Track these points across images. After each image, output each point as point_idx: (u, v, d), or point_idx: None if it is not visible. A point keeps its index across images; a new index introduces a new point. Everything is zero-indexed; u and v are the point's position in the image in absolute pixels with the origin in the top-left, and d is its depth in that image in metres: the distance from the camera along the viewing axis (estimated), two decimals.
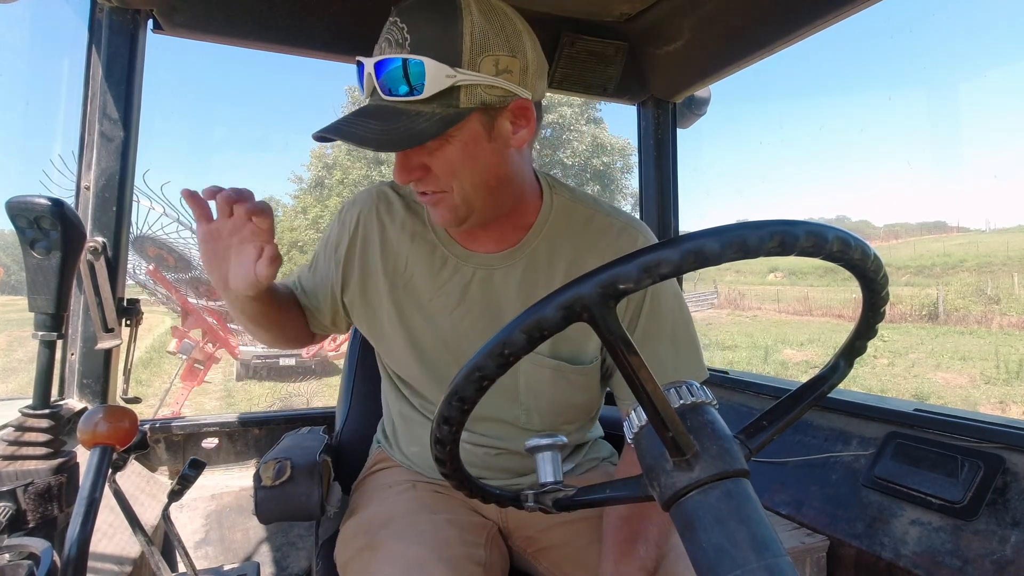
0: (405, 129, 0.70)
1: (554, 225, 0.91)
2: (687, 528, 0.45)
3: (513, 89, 0.74)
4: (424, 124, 0.71)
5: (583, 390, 0.94)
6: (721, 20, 1.44)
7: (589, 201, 0.95)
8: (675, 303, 0.93)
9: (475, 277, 0.91)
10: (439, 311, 0.92)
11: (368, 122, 0.72)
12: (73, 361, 1.31)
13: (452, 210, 0.81)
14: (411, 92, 0.70)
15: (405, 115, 0.71)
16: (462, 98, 0.72)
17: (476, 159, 0.77)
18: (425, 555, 0.79)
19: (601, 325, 0.42)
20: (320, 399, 7.61)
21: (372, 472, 1.04)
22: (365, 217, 0.95)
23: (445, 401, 0.51)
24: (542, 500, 0.62)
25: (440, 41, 0.70)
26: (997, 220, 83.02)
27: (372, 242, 0.95)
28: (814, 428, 1.40)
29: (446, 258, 0.92)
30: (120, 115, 1.28)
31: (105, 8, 1.27)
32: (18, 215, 0.81)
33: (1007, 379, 12.48)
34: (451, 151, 0.75)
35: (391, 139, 0.70)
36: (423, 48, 0.70)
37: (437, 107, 0.71)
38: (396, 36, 0.71)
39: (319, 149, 26.26)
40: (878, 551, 1.13)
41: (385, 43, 0.73)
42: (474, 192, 0.79)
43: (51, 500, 0.84)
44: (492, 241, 0.91)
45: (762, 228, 0.41)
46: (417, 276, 0.92)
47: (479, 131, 0.76)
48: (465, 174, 0.77)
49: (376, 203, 0.96)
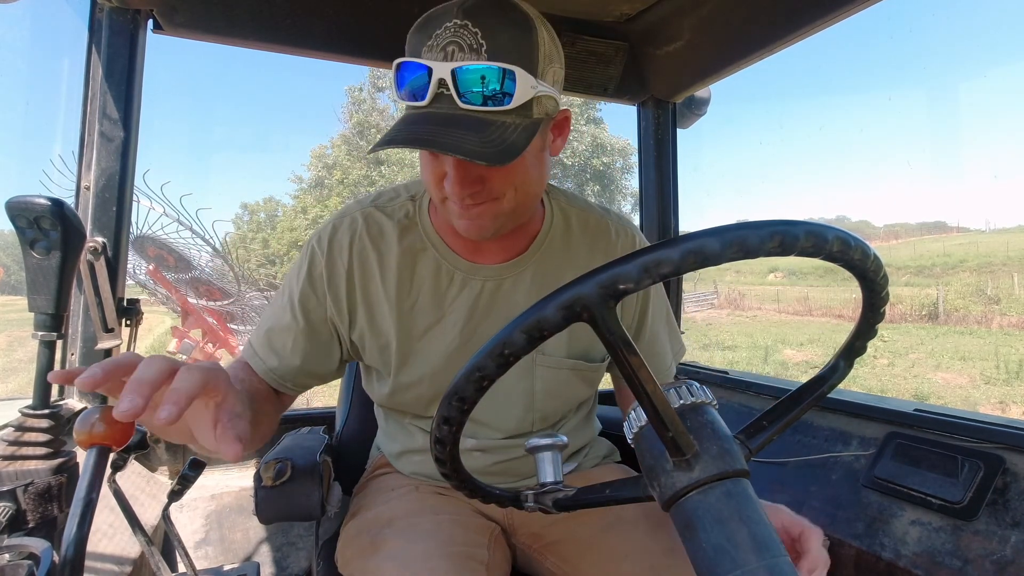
0: (500, 141, 0.67)
1: (556, 230, 0.92)
2: (687, 528, 0.45)
3: (559, 99, 0.75)
4: (513, 136, 0.68)
5: (590, 385, 0.97)
6: (721, 20, 1.44)
7: (581, 203, 0.97)
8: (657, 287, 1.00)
9: (484, 289, 0.89)
10: (450, 328, 0.89)
11: (456, 132, 0.66)
12: (73, 361, 1.31)
13: (495, 219, 0.77)
14: (497, 102, 0.67)
15: (492, 125, 0.67)
16: (535, 109, 0.70)
17: (532, 168, 0.76)
18: (429, 551, 0.79)
19: (601, 325, 0.42)
20: (319, 399, 7.62)
21: (374, 476, 1.04)
22: (358, 245, 0.88)
23: (445, 401, 0.51)
24: (542, 500, 0.62)
25: (520, 49, 0.68)
26: (997, 220, 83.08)
27: (370, 270, 0.88)
28: (814, 428, 1.40)
29: (452, 274, 0.88)
30: (120, 115, 1.28)
31: (105, 8, 1.26)
32: (18, 215, 0.82)
33: (1007, 379, 12.48)
34: (515, 164, 0.72)
35: (494, 152, 0.65)
36: (504, 56, 0.66)
37: (517, 117, 0.69)
38: (469, 41, 0.66)
39: (319, 149, 26.28)
40: (878, 551, 1.13)
41: (453, 47, 0.66)
42: (526, 199, 0.78)
43: (51, 500, 0.84)
44: (500, 251, 0.89)
45: (762, 228, 0.41)
46: (424, 296, 0.89)
47: (539, 142, 0.75)
48: (521, 184, 0.76)
49: (365, 228, 0.89)
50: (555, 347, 0.91)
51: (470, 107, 0.67)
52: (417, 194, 0.92)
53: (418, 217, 0.90)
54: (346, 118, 26.38)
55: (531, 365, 0.91)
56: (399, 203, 0.91)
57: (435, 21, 0.69)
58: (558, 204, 0.94)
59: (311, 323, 0.88)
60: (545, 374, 0.91)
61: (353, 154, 24.76)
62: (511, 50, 0.67)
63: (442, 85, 0.67)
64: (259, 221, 28.55)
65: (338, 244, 0.88)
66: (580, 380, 0.94)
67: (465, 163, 0.71)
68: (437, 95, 0.68)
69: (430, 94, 0.68)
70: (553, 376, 0.92)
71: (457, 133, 0.66)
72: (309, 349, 0.88)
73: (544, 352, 0.91)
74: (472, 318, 0.89)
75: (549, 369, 0.91)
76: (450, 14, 0.68)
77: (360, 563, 0.83)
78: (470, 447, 0.93)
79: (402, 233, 0.89)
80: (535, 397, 0.92)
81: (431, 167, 0.75)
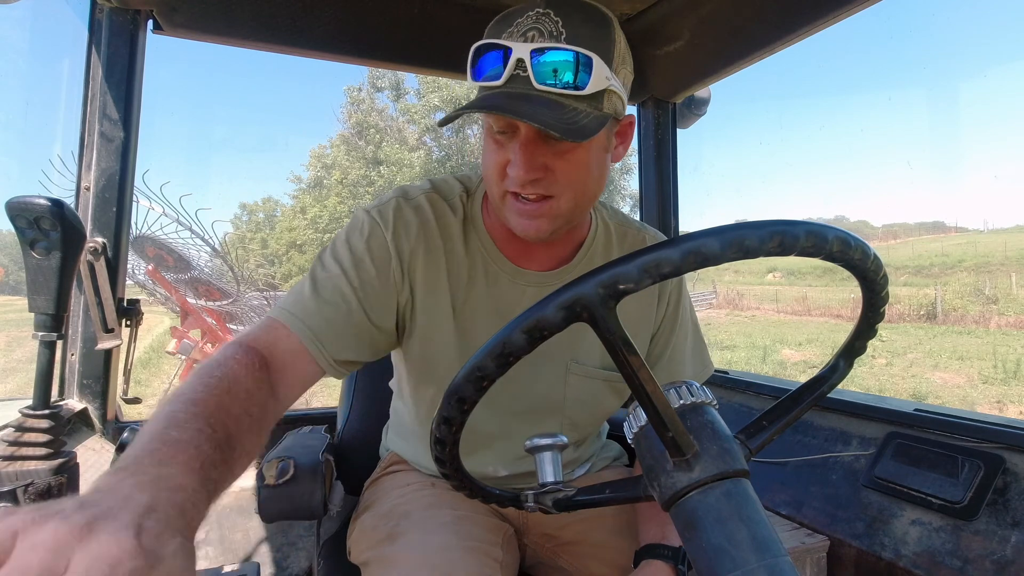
0: (573, 121, 0.67)
1: (599, 241, 0.92)
2: (687, 528, 0.45)
3: (626, 102, 0.75)
4: (585, 120, 0.68)
5: (620, 396, 0.96)
6: (721, 20, 1.44)
7: (621, 216, 0.98)
8: (690, 300, 0.99)
9: (526, 295, 0.87)
10: (494, 330, 0.87)
11: (531, 106, 0.66)
12: (73, 361, 1.31)
13: (552, 220, 0.76)
14: (573, 86, 0.67)
15: (564, 108, 0.67)
16: (605, 103, 0.71)
17: (594, 168, 0.76)
18: (448, 543, 0.79)
19: (601, 325, 0.42)
20: (318, 400, 7.62)
21: (388, 472, 1.04)
22: (426, 230, 0.84)
23: (445, 401, 0.51)
24: (542, 500, 0.62)
25: (598, 41, 0.68)
26: (995, 220, 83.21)
27: (436, 259, 0.84)
28: (814, 428, 1.40)
29: (498, 275, 0.87)
30: (120, 115, 1.28)
31: (105, 8, 1.26)
32: (18, 215, 0.82)
33: (1005, 379, 12.49)
34: (580, 155, 0.72)
35: (568, 127, 0.66)
36: (583, 44, 0.67)
37: (589, 106, 0.69)
38: (549, 27, 0.67)
39: (318, 149, 26.29)
40: (878, 551, 1.13)
41: (534, 32, 0.68)
42: (583, 201, 0.77)
43: (51, 500, 0.84)
44: (547, 258, 0.88)
45: (762, 228, 0.41)
46: (476, 292, 0.87)
47: (603, 140, 0.75)
48: (581, 181, 0.75)
49: (434, 215, 0.85)
50: (588, 356, 0.90)
51: (545, 88, 0.67)
52: (471, 189, 0.90)
53: (472, 212, 0.88)
54: (345, 118, 26.40)
55: (564, 373, 0.90)
56: (456, 195, 0.89)
57: (518, 12, 0.70)
58: (601, 216, 0.94)
59: (365, 292, 0.79)
60: (577, 382, 0.90)
61: (352, 154, 24.75)
62: (590, 40, 0.68)
63: (519, 66, 0.67)
64: (258, 221, 28.58)
65: (404, 222, 0.83)
66: (611, 391, 0.93)
67: (532, 148, 0.71)
68: (513, 76, 0.68)
69: (506, 74, 0.68)
70: (584, 385, 0.91)
71: (532, 108, 0.66)
72: (358, 318, 0.78)
73: (578, 361, 0.90)
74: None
75: (580, 378, 0.90)
76: (533, 4, 0.69)
77: (375, 552, 0.83)
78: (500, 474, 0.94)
79: (464, 225, 0.87)
80: (564, 405, 0.91)
81: (495, 155, 0.74)
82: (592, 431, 1.01)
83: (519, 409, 0.89)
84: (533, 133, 0.70)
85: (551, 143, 0.70)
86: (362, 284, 0.79)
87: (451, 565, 0.75)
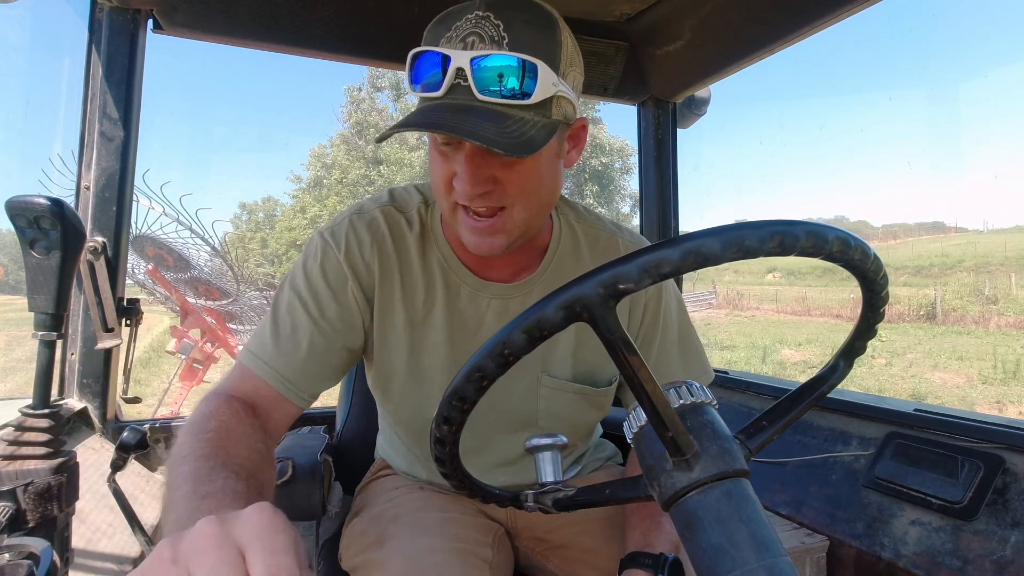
0: (519, 134, 0.63)
1: (565, 248, 0.88)
2: (687, 528, 0.45)
3: (576, 106, 0.73)
4: (533, 131, 0.65)
5: (599, 409, 0.94)
6: (721, 20, 1.44)
7: (591, 219, 0.93)
8: (678, 307, 0.94)
9: (490, 308, 0.85)
10: (455, 344, 0.85)
11: (472, 120, 0.63)
12: (73, 361, 1.31)
13: (507, 234, 0.73)
14: (517, 95, 0.64)
15: (510, 119, 0.64)
16: (554, 109, 0.67)
17: (546, 176, 0.72)
18: (435, 545, 0.79)
19: (601, 325, 0.42)
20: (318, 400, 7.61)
21: (378, 477, 1.04)
22: (380, 246, 0.82)
23: (445, 401, 0.51)
24: (542, 500, 0.62)
25: (542, 44, 0.65)
26: (995, 220, 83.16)
27: (391, 275, 0.83)
28: (814, 428, 1.40)
29: (459, 287, 0.84)
30: (120, 115, 1.28)
31: (105, 8, 1.26)
32: (18, 215, 0.81)
33: (1004, 379, 12.50)
34: (530, 165, 0.69)
35: (512, 143, 0.62)
36: (527, 50, 0.63)
37: (536, 115, 0.66)
38: (491, 32, 0.64)
39: (318, 149, 26.26)
40: (878, 551, 1.13)
41: (474, 38, 0.64)
42: (536, 212, 0.74)
43: (51, 500, 0.84)
44: (509, 267, 0.85)
45: (762, 228, 0.41)
46: (436, 309, 0.84)
47: (554, 147, 0.72)
48: (533, 191, 0.72)
49: (388, 230, 0.83)
50: (560, 369, 0.88)
51: (488, 99, 0.64)
52: (429, 198, 0.88)
53: (431, 223, 0.86)
54: (345, 118, 26.38)
55: (536, 385, 0.88)
56: (414, 207, 0.86)
57: (456, 14, 0.66)
58: (566, 219, 0.90)
59: (325, 320, 0.79)
60: (549, 395, 0.88)
61: (352, 154, 24.75)
62: (534, 45, 0.64)
63: (460, 75, 0.64)
64: (258, 221, 28.56)
65: (358, 240, 0.81)
66: (586, 404, 0.91)
67: (477, 161, 0.68)
68: (454, 86, 0.65)
69: (446, 84, 0.64)
70: (556, 398, 0.89)
71: (474, 121, 0.63)
72: (322, 348, 0.79)
73: (549, 373, 0.87)
74: (476, 335, 0.85)
75: (552, 391, 0.88)
76: (472, 6, 0.66)
77: (366, 557, 0.83)
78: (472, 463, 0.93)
79: (421, 240, 0.84)
80: (538, 417, 0.89)
81: (441, 168, 0.71)
82: (573, 443, 0.98)
83: (492, 422, 0.88)
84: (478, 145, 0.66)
85: (498, 154, 0.66)
86: (321, 313, 0.79)
87: (438, 567, 0.76)
